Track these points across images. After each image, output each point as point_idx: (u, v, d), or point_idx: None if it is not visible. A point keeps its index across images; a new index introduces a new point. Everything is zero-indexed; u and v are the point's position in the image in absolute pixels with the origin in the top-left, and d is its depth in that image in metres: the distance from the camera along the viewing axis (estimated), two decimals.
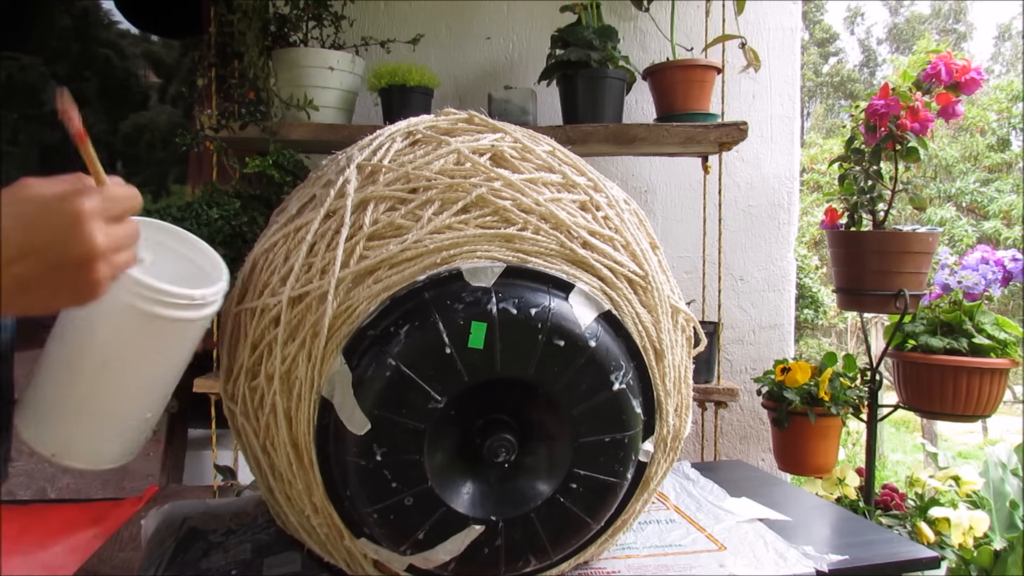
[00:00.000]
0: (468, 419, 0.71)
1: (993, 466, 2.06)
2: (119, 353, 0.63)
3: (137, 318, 0.61)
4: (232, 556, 0.85)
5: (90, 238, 0.49)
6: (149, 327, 0.62)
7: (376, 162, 0.76)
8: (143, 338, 0.63)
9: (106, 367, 0.63)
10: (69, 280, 0.49)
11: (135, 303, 0.60)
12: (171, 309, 0.63)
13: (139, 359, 0.64)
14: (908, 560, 0.88)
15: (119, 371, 0.64)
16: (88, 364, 0.63)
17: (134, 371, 0.65)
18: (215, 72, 1.54)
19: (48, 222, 0.48)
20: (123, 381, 0.65)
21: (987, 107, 7.09)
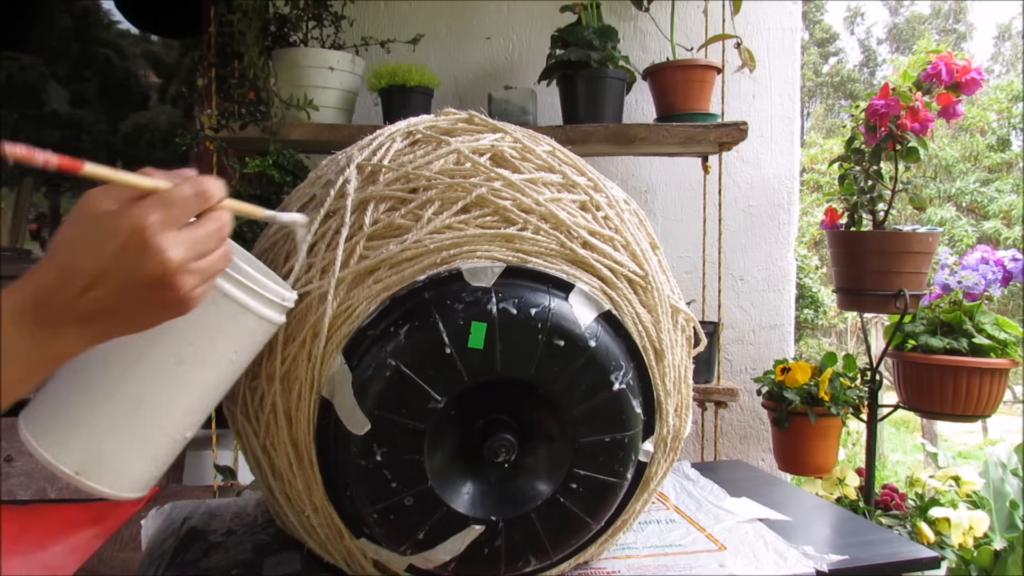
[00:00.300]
0: (468, 419, 0.71)
1: (993, 466, 2.06)
2: (197, 350, 0.56)
3: (228, 310, 0.55)
4: (232, 556, 0.85)
5: (160, 253, 0.45)
6: (236, 322, 0.57)
7: (376, 162, 0.76)
8: (227, 335, 0.57)
9: (179, 366, 0.56)
10: (152, 299, 0.47)
11: (230, 291, 0.55)
12: (264, 305, 0.59)
13: (216, 360, 0.58)
14: (908, 560, 0.88)
15: (190, 373, 0.57)
16: (156, 362, 0.55)
17: (205, 375, 0.58)
18: (215, 72, 1.54)
19: (113, 243, 0.45)
20: (191, 385, 0.58)
21: (987, 107, 7.09)
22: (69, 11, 2.78)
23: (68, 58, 2.84)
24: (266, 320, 0.62)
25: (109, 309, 0.46)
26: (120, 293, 0.45)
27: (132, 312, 0.47)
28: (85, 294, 0.45)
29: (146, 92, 3.00)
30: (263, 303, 0.60)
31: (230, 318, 0.57)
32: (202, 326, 0.56)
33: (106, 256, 0.45)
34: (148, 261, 0.45)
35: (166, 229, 0.46)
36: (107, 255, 0.45)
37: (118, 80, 2.92)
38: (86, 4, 2.88)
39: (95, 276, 0.45)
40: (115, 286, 0.45)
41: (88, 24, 2.87)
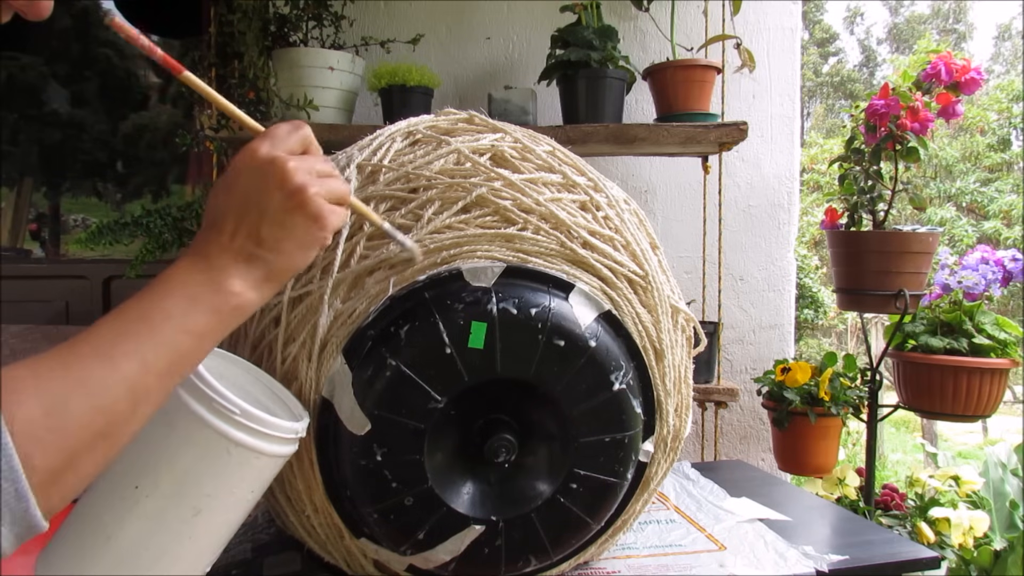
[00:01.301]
0: (468, 419, 0.71)
1: (993, 466, 2.06)
2: (214, 500, 0.56)
3: (241, 458, 0.55)
4: (232, 556, 0.85)
5: (272, 158, 0.50)
6: (251, 467, 0.57)
7: (376, 162, 0.76)
8: (242, 480, 0.57)
9: (197, 517, 0.55)
10: (285, 208, 0.50)
11: (243, 439, 0.55)
12: (277, 444, 0.58)
13: (233, 505, 0.58)
14: (908, 560, 0.88)
15: (208, 521, 0.56)
16: (174, 516, 0.55)
17: (224, 518, 0.58)
18: (215, 72, 1.54)
19: (237, 177, 0.51)
20: (209, 531, 0.57)
21: (987, 107, 7.09)
22: (69, 11, 2.77)
23: (68, 58, 2.83)
24: (279, 457, 0.61)
25: (259, 238, 0.50)
26: (259, 214, 0.50)
27: (280, 234, 0.51)
28: (236, 235, 0.50)
29: (146, 92, 2.99)
30: (276, 443, 0.59)
31: (244, 465, 0.57)
32: (217, 476, 0.56)
33: (239, 186, 0.51)
34: (264, 169, 0.50)
35: (273, 146, 0.51)
36: (239, 185, 0.51)
37: (118, 80, 2.92)
38: (86, 4, 2.88)
39: (237, 214, 0.50)
40: (254, 212, 0.50)
41: (88, 24, 2.87)
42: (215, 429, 0.55)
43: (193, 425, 0.54)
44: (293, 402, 0.68)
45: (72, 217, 3.10)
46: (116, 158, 2.84)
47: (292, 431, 0.61)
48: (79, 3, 2.87)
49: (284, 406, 0.68)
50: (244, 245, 0.50)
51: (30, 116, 2.76)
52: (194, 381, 0.54)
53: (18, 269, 2.36)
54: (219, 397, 0.55)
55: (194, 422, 0.54)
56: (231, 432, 0.55)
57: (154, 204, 3.00)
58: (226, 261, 0.49)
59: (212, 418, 0.55)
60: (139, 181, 3.10)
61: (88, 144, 2.87)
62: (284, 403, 0.68)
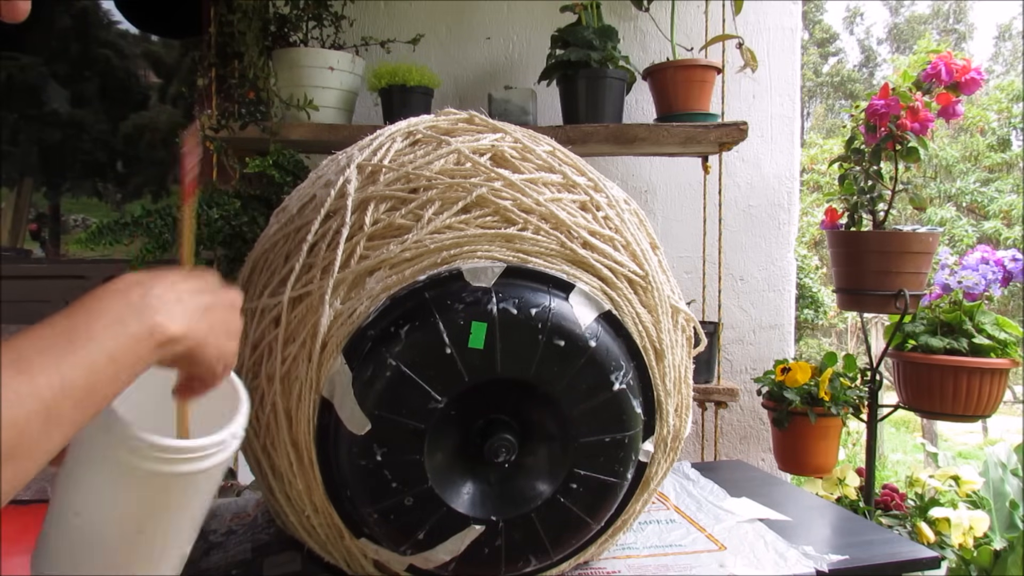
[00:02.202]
0: (468, 419, 0.71)
1: (993, 466, 2.06)
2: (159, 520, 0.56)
3: (163, 480, 0.54)
4: (232, 556, 0.85)
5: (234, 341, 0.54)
6: (194, 486, 0.56)
7: (376, 162, 0.76)
8: (188, 496, 0.57)
9: (142, 534, 0.56)
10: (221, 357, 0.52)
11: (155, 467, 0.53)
12: (215, 459, 0.56)
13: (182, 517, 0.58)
14: (908, 560, 0.88)
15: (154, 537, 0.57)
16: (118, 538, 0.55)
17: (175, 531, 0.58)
18: (215, 72, 1.54)
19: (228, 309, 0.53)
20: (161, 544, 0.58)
21: (987, 107, 7.09)
22: (69, 11, 2.77)
23: (68, 58, 2.83)
24: (208, 469, 0.57)
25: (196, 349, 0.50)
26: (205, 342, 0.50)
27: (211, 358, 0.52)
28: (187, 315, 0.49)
29: (146, 92, 2.99)
30: (212, 459, 0.56)
31: (184, 486, 0.56)
32: (156, 504, 0.55)
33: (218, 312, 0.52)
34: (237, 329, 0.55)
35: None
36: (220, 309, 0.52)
37: (118, 80, 2.92)
38: (86, 4, 2.88)
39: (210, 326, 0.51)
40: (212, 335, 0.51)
41: (88, 24, 2.87)
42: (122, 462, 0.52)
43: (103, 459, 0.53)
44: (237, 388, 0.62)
45: (72, 217, 3.10)
46: (116, 158, 2.84)
47: (218, 444, 0.56)
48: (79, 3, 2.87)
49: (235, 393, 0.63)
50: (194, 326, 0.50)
51: (30, 116, 2.76)
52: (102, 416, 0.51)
53: (18, 269, 2.36)
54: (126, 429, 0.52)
55: (101, 455, 0.53)
56: (163, 469, 0.53)
57: (154, 204, 3.00)
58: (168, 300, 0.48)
59: (120, 452, 0.52)
60: (139, 181, 3.10)
61: (88, 144, 2.87)
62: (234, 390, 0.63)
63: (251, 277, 0.79)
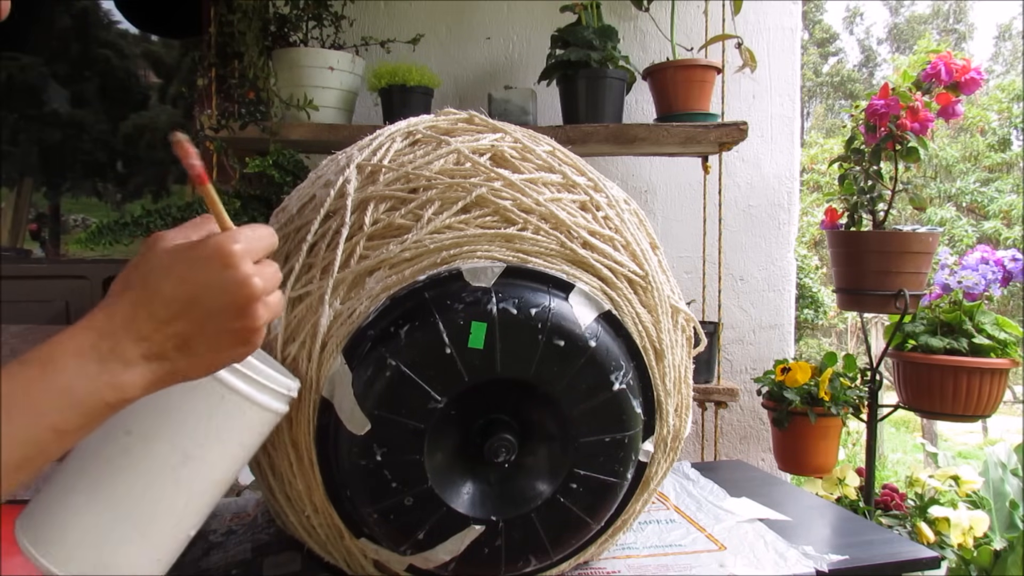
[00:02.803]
0: (468, 419, 0.71)
1: (993, 466, 2.06)
2: (203, 448, 0.55)
3: (234, 405, 0.55)
4: (232, 556, 0.85)
5: (247, 279, 0.45)
6: (243, 417, 0.56)
7: (376, 162, 0.76)
8: (233, 430, 0.56)
9: (184, 467, 0.54)
10: (230, 329, 0.46)
11: (237, 385, 0.54)
12: (270, 397, 0.57)
13: (221, 457, 0.57)
14: (908, 560, 0.88)
15: (195, 472, 0.55)
16: (160, 463, 0.54)
17: (211, 472, 0.57)
18: (215, 72, 1.54)
19: (202, 270, 0.45)
20: (196, 483, 0.56)
21: (987, 107, 7.09)
22: (69, 11, 2.77)
23: (68, 58, 2.84)
24: (271, 411, 0.60)
25: (184, 343, 0.45)
26: (202, 323, 0.45)
27: (207, 346, 0.46)
28: (165, 326, 0.44)
29: (146, 92, 3.00)
30: (269, 395, 0.59)
31: (237, 413, 0.56)
32: (207, 422, 0.55)
33: (193, 284, 0.44)
34: (237, 287, 0.45)
35: (248, 257, 0.46)
36: (194, 283, 0.45)
37: (118, 80, 2.92)
38: (86, 4, 2.88)
39: (182, 304, 0.44)
40: (199, 315, 0.45)
41: (88, 24, 2.87)
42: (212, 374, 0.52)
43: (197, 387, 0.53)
44: (284, 371, 0.69)
45: (72, 217, 3.10)
46: (116, 158, 2.84)
47: (286, 387, 0.61)
48: (79, 3, 2.87)
49: (276, 369, 0.68)
50: (166, 344, 0.44)
51: (30, 116, 2.76)
52: None
53: (18, 269, 2.36)
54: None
55: None
56: (227, 378, 0.54)
57: (154, 204, 3.00)
58: (134, 355, 0.44)
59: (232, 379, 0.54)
60: (139, 181, 3.10)
61: (88, 144, 2.87)
62: (276, 367, 0.68)
63: None
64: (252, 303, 0.46)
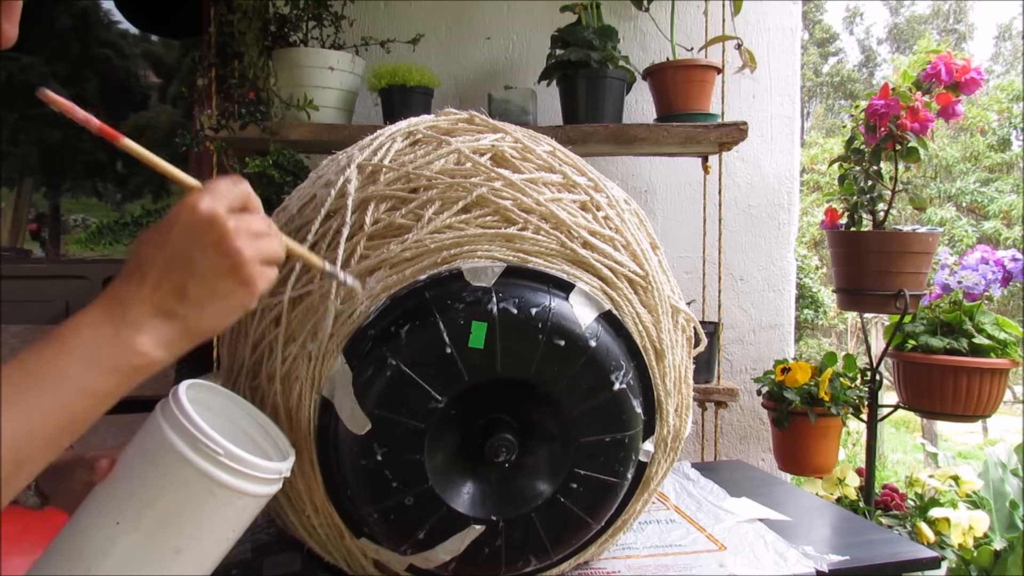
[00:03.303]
0: (468, 419, 0.71)
1: (993, 466, 2.06)
2: (196, 540, 0.55)
3: (225, 499, 0.55)
4: (232, 556, 0.85)
5: (215, 217, 0.48)
6: (234, 508, 0.56)
7: (376, 162, 0.76)
8: (224, 520, 0.57)
9: (178, 555, 0.55)
10: (217, 269, 0.48)
11: (227, 480, 0.54)
12: (261, 485, 0.57)
13: (213, 544, 0.58)
14: (908, 560, 0.88)
15: (189, 561, 0.56)
16: (155, 555, 0.54)
17: (203, 557, 0.57)
18: (215, 72, 1.54)
19: (174, 224, 0.48)
20: (192, 568, 0.57)
21: (987, 107, 7.09)
22: (69, 11, 2.78)
23: (68, 58, 2.84)
24: (263, 496, 0.59)
25: (181, 292, 0.48)
26: (189, 269, 0.48)
27: (205, 292, 0.48)
28: (159, 286, 0.47)
29: (146, 92, 3.00)
30: (260, 484, 0.58)
31: (227, 505, 0.56)
32: (200, 516, 0.55)
33: (172, 239, 0.48)
34: (207, 226, 0.48)
35: (215, 203, 0.48)
36: (172, 238, 0.48)
37: (118, 80, 2.92)
38: (86, 4, 2.88)
39: (165, 263, 0.47)
40: (183, 267, 0.48)
41: (88, 24, 2.87)
42: (199, 469, 0.53)
43: (177, 464, 0.53)
44: (279, 435, 0.67)
45: (72, 217, 3.11)
46: (116, 158, 2.85)
47: (276, 472, 0.59)
48: (79, 3, 2.88)
49: (270, 439, 0.67)
50: (165, 299, 0.47)
51: (30, 116, 2.76)
52: (179, 418, 0.53)
53: (18, 269, 2.36)
54: (204, 436, 0.53)
55: (178, 461, 0.53)
56: (215, 473, 0.54)
57: (154, 204, 3.00)
58: (142, 314, 0.46)
59: (196, 458, 0.53)
60: (139, 181, 3.10)
61: (88, 144, 2.87)
62: (270, 436, 0.67)
63: None
64: (226, 239, 0.48)
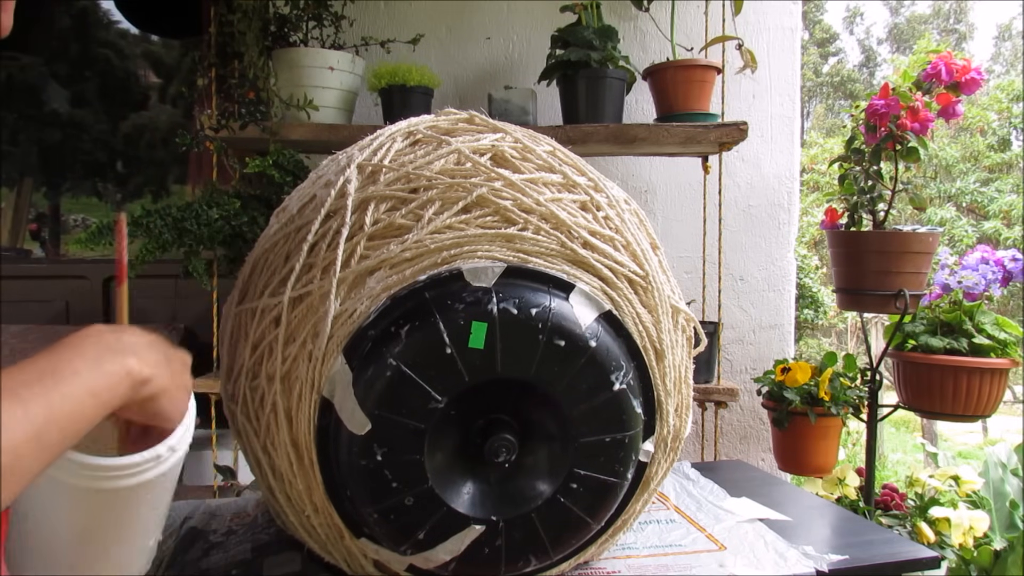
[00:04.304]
0: (468, 419, 0.71)
1: (993, 466, 2.06)
2: (95, 530, 0.57)
3: (101, 496, 0.55)
4: (232, 556, 0.85)
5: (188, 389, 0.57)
6: (118, 500, 0.56)
7: (376, 162, 0.76)
8: (117, 511, 0.57)
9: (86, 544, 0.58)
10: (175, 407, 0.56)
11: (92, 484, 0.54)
12: (129, 478, 0.56)
13: (119, 529, 0.59)
14: (908, 560, 0.88)
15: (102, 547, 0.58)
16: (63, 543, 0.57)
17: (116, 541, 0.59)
18: (215, 72, 1.54)
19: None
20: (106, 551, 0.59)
21: (987, 107, 7.09)
22: (69, 11, 2.78)
23: (68, 58, 2.84)
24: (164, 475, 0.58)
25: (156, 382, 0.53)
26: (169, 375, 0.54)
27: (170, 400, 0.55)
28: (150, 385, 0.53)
29: (146, 92, 3.00)
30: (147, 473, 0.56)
31: (126, 501, 0.56)
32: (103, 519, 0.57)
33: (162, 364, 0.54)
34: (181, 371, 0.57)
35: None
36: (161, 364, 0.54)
37: (118, 80, 2.92)
38: (86, 4, 2.88)
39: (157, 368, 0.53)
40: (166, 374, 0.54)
41: (88, 24, 2.87)
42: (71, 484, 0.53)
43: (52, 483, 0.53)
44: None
45: (72, 217, 3.11)
46: (116, 158, 2.85)
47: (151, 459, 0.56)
48: (79, 3, 2.88)
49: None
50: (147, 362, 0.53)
51: (30, 116, 2.76)
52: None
53: (18, 269, 2.36)
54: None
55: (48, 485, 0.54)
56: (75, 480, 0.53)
57: (154, 204, 3.00)
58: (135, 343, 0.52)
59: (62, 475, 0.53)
60: (139, 181, 3.10)
61: (88, 144, 2.87)
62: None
63: (251, 277, 0.79)
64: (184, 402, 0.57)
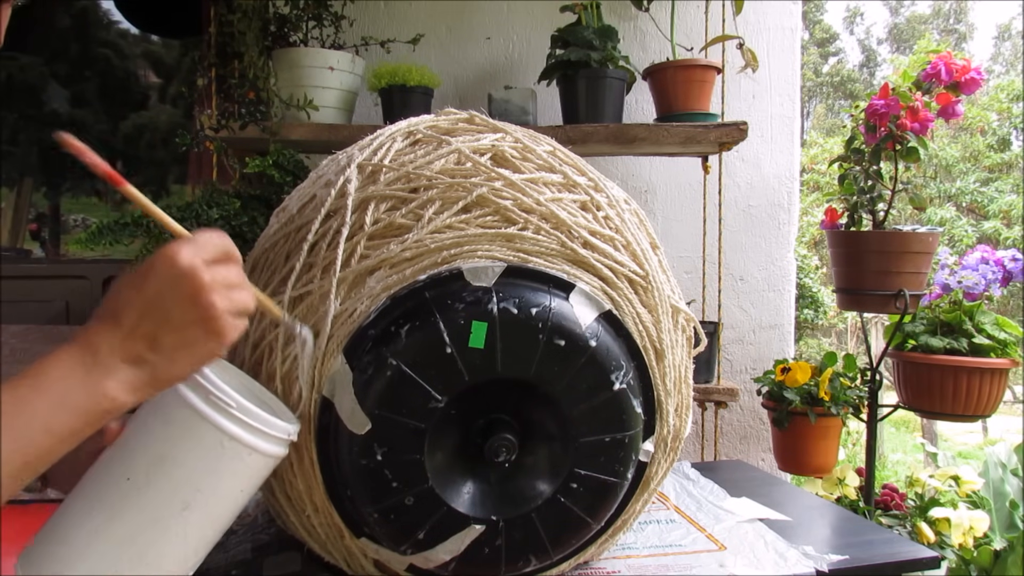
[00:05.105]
0: (469, 419, 0.71)
1: (993, 466, 2.06)
2: (204, 495, 0.56)
3: (234, 452, 0.56)
4: (232, 556, 0.85)
5: (193, 271, 0.49)
6: (243, 463, 0.57)
7: (377, 162, 0.76)
8: (233, 476, 0.57)
9: (185, 511, 0.55)
10: (190, 321, 0.50)
11: (238, 433, 0.55)
12: (270, 443, 0.58)
13: (221, 501, 0.58)
14: (908, 560, 0.88)
15: (196, 516, 0.56)
16: (162, 510, 0.55)
17: (210, 516, 0.58)
18: (215, 72, 1.54)
19: (152, 273, 0.49)
20: (197, 527, 0.57)
21: (987, 107, 7.09)
22: (69, 11, 2.78)
23: (68, 58, 2.84)
24: (271, 457, 0.60)
25: (154, 342, 0.49)
26: (163, 320, 0.49)
27: (176, 342, 0.50)
28: (133, 333, 0.49)
29: (146, 92, 3.00)
30: (269, 440, 0.59)
31: (237, 460, 0.57)
32: (209, 470, 0.56)
33: (148, 288, 0.49)
34: (184, 279, 0.49)
35: (194, 256, 0.50)
36: (149, 287, 0.49)
37: (118, 80, 2.92)
38: (86, 4, 2.88)
39: (140, 312, 0.49)
40: (158, 317, 0.49)
41: (88, 24, 2.87)
42: (210, 421, 0.55)
43: (188, 417, 0.55)
44: (284, 409, 0.69)
45: (72, 217, 3.11)
46: (116, 158, 2.84)
47: (285, 431, 0.61)
48: (79, 3, 2.88)
49: (277, 409, 0.68)
50: (137, 346, 0.49)
51: (30, 116, 2.76)
52: (192, 375, 0.54)
53: (18, 269, 2.36)
54: (216, 390, 0.55)
55: (189, 414, 0.55)
56: (226, 425, 0.55)
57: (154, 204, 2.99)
58: (114, 361, 0.48)
59: (208, 410, 0.55)
60: (139, 181, 3.10)
61: (88, 144, 2.87)
62: (277, 407, 0.69)
63: (251, 276, 0.79)
64: (202, 292, 0.49)
